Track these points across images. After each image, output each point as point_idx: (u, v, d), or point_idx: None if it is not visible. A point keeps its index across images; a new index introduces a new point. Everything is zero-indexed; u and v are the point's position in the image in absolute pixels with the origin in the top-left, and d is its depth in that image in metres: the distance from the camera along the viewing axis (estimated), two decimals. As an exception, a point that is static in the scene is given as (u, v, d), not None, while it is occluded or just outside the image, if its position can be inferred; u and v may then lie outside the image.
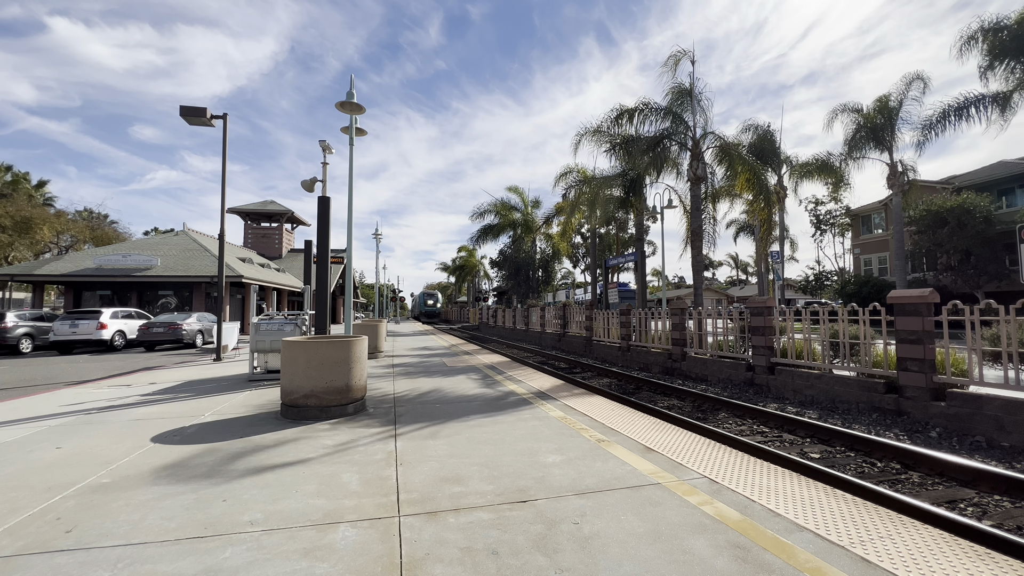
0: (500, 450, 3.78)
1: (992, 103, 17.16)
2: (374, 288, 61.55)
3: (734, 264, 74.13)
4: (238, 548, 2.28)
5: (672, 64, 15.75)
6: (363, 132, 9.85)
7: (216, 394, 6.54)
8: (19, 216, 30.73)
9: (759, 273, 23.98)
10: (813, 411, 7.18)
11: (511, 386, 6.82)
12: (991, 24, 16.67)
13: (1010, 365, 5.53)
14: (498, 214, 32.60)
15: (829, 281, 42.01)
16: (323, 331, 8.45)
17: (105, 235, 39.70)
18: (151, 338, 16.70)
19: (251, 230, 35.99)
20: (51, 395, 6.79)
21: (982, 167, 27.47)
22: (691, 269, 16.20)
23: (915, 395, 6.28)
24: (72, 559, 2.19)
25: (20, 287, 33.47)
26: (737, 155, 15.17)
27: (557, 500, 2.80)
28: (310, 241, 11.21)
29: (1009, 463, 4.87)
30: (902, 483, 4.44)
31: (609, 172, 19.62)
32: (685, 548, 2.24)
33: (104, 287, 24.25)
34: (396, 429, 4.49)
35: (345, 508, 2.72)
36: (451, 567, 2.10)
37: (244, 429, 4.55)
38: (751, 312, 9.06)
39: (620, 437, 4.11)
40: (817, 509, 2.64)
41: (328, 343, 5.05)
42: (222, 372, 9.03)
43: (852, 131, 21.04)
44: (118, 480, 3.21)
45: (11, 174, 35.89)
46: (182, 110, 10.45)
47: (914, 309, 6.36)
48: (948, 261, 21.93)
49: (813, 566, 2.08)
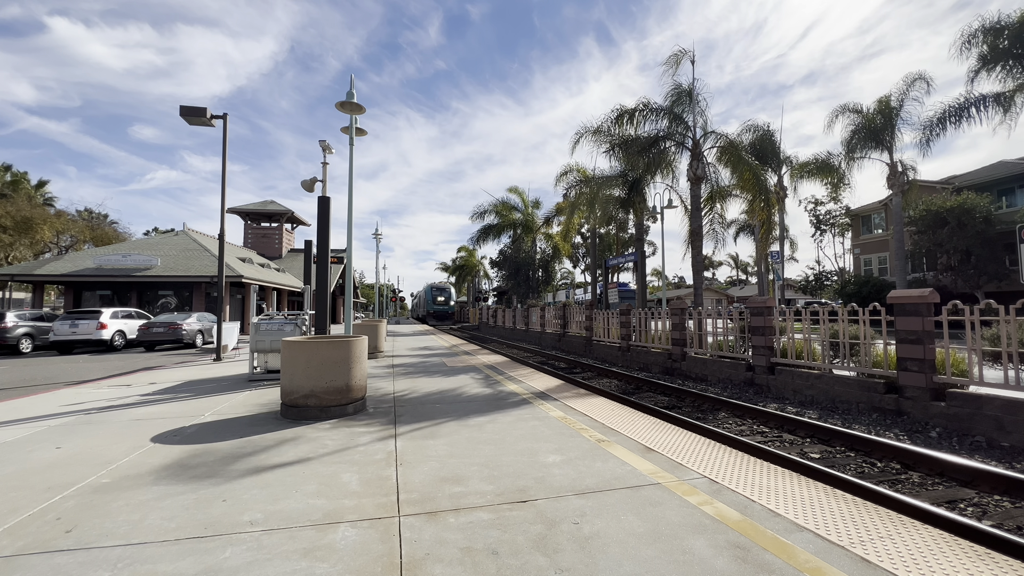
0: (500, 450, 3.78)
1: (994, 103, 17.16)
2: (374, 288, 60.83)
3: (734, 264, 74.16)
4: (238, 548, 2.28)
5: (673, 64, 15.76)
6: (363, 132, 9.85)
7: (216, 394, 6.54)
8: (19, 216, 30.76)
9: (759, 273, 23.99)
10: (813, 411, 7.18)
11: (511, 386, 6.82)
12: (992, 24, 16.66)
13: (1010, 365, 5.53)
14: (498, 214, 32.64)
15: (829, 281, 42.00)
16: (323, 331, 8.45)
17: (105, 235, 39.71)
18: (151, 338, 16.71)
19: (251, 230, 35.99)
20: (51, 395, 6.79)
21: (982, 167, 27.47)
22: (691, 269, 16.20)
23: (915, 395, 6.28)
24: (72, 559, 2.19)
25: (20, 287, 33.47)
26: (737, 155, 15.17)
27: (557, 500, 2.80)
28: (310, 241, 11.21)
29: (1009, 463, 4.87)
30: (902, 483, 4.44)
31: (609, 172, 19.63)
32: (685, 548, 2.24)
33: (104, 287, 24.26)
34: (396, 429, 4.49)
35: (345, 508, 2.72)
36: (451, 567, 2.10)
37: (244, 429, 4.55)
38: (751, 312, 9.06)
39: (620, 437, 4.11)
40: (817, 509, 2.64)
41: (328, 343, 5.05)
42: (222, 372, 9.03)
43: (852, 131, 21.04)
44: (118, 480, 3.21)
45: (11, 174, 35.89)
46: (182, 110, 10.45)
47: (914, 309, 6.36)
48: (948, 261, 21.93)
49: (813, 566, 2.08)
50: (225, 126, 11.62)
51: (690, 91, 15.54)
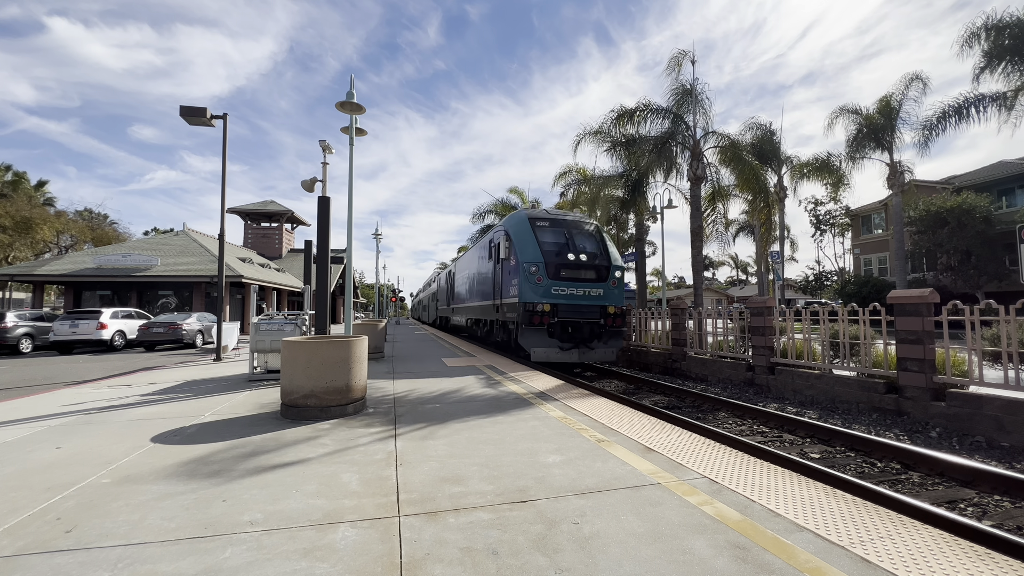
0: (500, 450, 3.78)
1: (993, 102, 17.15)
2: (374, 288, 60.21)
3: (734, 264, 74.15)
4: (238, 548, 2.28)
5: (673, 65, 15.77)
6: (363, 132, 9.85)
7: (216, 394, 6.54)
8: (19, 216, 30.78)
9: (759, 273, 24.00)
10: (813, 411, 7.18)
11: (511, 386, 6.82)
12: (994, 22, 16.64)
13: (1010, 365, 5.53)
14: (498, 214, 32.61)
15: (829, 281, 42.05)
16: (323, 331, 8.45)
17: (105, 235, 39.76)
18: (151, 338, 16.71)
19: (251, 230, 36.00)
20: (51, 395, 6.79)
21: (982, 167, 27.49)
22: (691, 269, 16.21)
23: (915, 395, 6.28)
24: (72, 559, 2.19)
25: (20, 287, 33.49)
26: (737, 155, 15.18)
27: (557, 500, 2.80)
28: (310, 241, 11.22)
29: (1009, 463, 4.87)
30: (902, 483, 4.44)
31: (610, 172, 19.63)
32: (685, 548, 2.24)
33: (104, 287, 24.27)
34: (396, 429, 4.49)
35: (345, 508, 2.72)
36: (451, 567, 2.10)
37: (244, 429, 4.55)
38: (751, 312, 9.06)
39: (620, 437, 4.11)
40: (817, 509, 2.64)
41: (328, 343, 5.05)
42: (222, 372, 9.03)
43: (853, 132, 21.03)
44: (118, 480, 3.21)
45: (11, 174, 35.90)
46: (182, 110, 10.45)
47: (914, 309, 6.36)
48: (948, 261, 21.94)
49: (813, 566, 2.08)
50: (225, 126, 11.62)
51: (691, 91, 15.54)
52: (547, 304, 9.75)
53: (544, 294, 9.90)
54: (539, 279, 9.87)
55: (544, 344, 9.91)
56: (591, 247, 10.91)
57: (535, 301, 9.80)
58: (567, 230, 11.02)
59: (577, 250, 10.58)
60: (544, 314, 9.71)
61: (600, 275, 10.51)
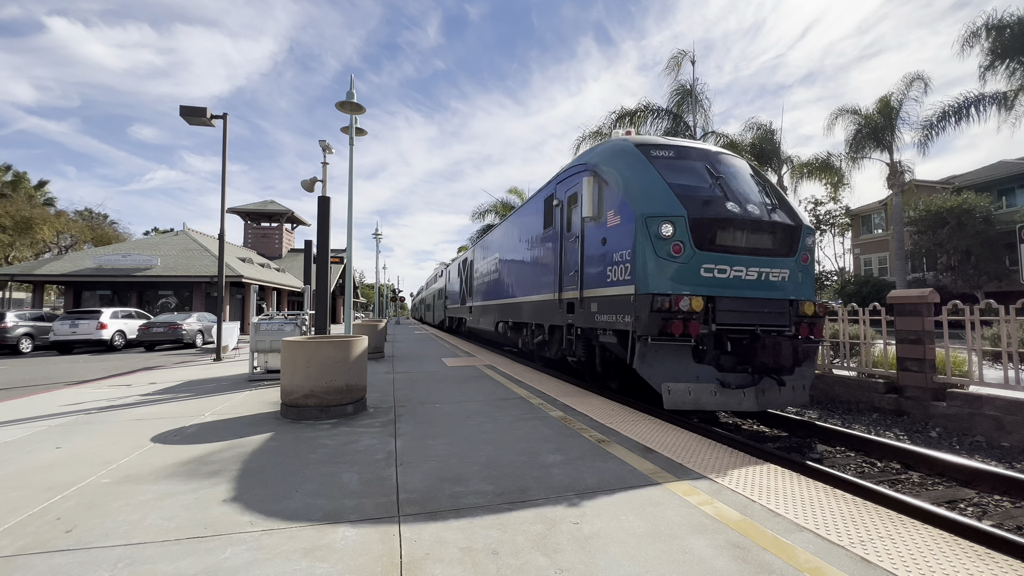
0: (500, 450, 3.78)
1: (993, 102, 17.15)
2: (374, 288, 60.16)
3: (734, 264, 73.96)
4: (238, 548, 2.28)
5: (673, 65, 15.79)
6: (363, 132, 9.85)
7: (216, 394, 6.54)
8: (19, 216, 30.81)
9: (759, 273, 23.94)
10: (813, 411, 7.18)
11: (511, 386, 6.82)
12: (995, 22, 16.64)
13: (1010, 365, 5.53)
14: (498, 214, 32.67)
15: (829, 281, 42.01)
16: (323, 331, 8.45)
17: (105, 235, 39.79)
18: (151, 338, 16.71)
19: (251, 230, 36.01)
20: (51, 395, 6.79)
21: (982, 167, 27.49)
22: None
23: (915, 395, 6.28)
24: (72, 559, 2.19)
25: (20, 287, 33.47)
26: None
27: (557, 500, 2.80)
28: (310, 241, 11.22)
29: (1009, 463, 4.88)
30: (902, 483, 4.44)
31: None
32: (685, 548, 2.24)
33: (104, 287, 24.27)
34: (396, 429, 4.49)
35: (345, 508, 2.72)
36: (451, 567, 2.10)
37: (244, 429, 4.55)
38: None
39: (620, 437, 4.11)
40: (817, 509, 2.64)
41: (328, 343, 5.05)
42: (222, 372, 9.03)
43: (852, 132, 21.02)
44: (118, 480, 3.21)
45: (12, 174, 35.92)
46: (182, 110, 10.45)
47: (914, 309, 6.36)
48: (948, 261, 21.94)
49: (813, 566, 2.08)
50: (225, 126, 11.62)
51: (691, 91, 15.55)
52: (697, 297, 5.12)
53: (689, 278, 5.28)
54: (677, 248, 5.26)
55: (688, 375, 5.23)
56: (757, 195, 5.91)
57: (670, 292, 5.16)
58: (710, 165, 6.06)
59: (738, 198, 5.69)
60: (691, 316, 5.10)
61: (780, 245, 5.63)
